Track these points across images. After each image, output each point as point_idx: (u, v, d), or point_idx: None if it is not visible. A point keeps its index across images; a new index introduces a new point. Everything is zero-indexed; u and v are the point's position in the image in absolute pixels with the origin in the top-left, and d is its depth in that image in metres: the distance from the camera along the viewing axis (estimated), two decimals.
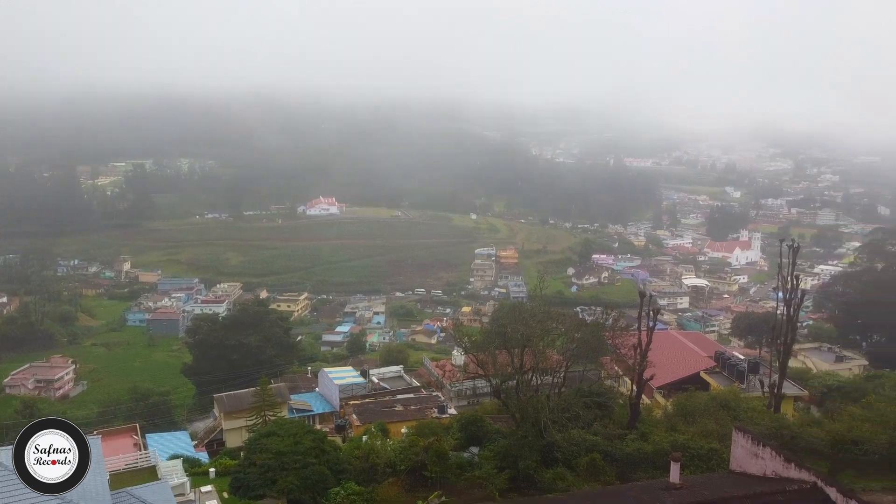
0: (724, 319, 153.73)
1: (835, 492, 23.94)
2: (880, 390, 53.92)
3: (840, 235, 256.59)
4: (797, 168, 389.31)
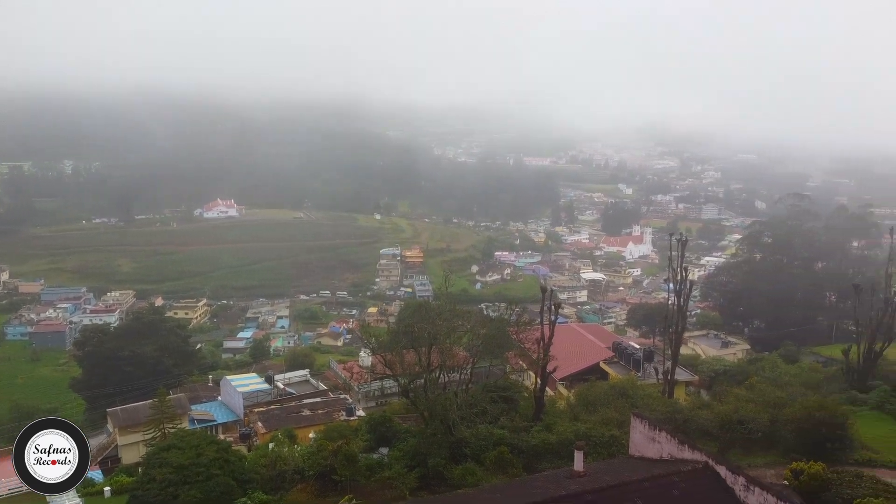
0: (620, 311, 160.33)
1: (724, 469, 25.55)
2: (761, 372, 57.99)
3: (723, 229, 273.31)
4: (683, 166, 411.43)
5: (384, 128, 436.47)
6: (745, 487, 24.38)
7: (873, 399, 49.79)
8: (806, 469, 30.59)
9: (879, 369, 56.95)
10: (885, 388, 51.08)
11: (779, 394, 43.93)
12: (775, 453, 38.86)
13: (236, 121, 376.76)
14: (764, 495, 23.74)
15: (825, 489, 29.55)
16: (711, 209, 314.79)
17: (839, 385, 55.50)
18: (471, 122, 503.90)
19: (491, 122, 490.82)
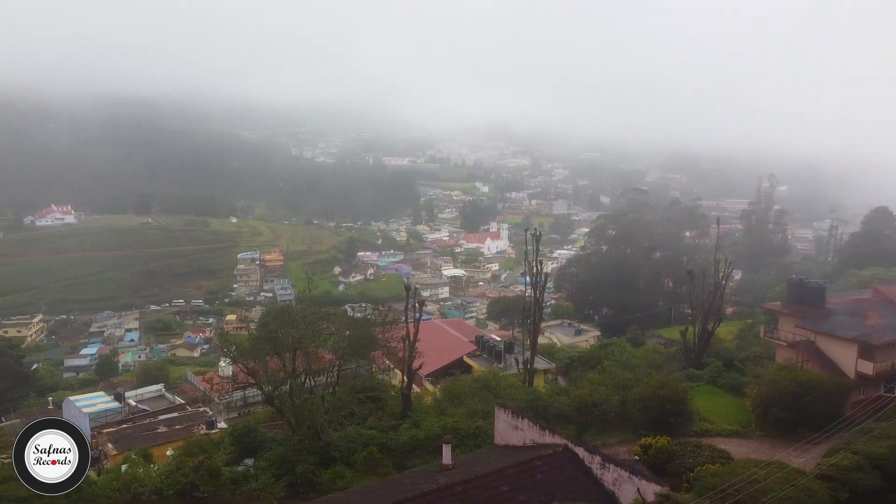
0: (480, 305, 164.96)
1: (582, 451, 27.11)
2: (611, 356, 61.89)
3: (572, 223, 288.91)
4: (534, 164, 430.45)
5: (236, 128, 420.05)
6: (602, 465, 26.05)
7: (707, 375, 54.81)
8: (653, 443, 33.19)
9: (712, 347, 62.77)
10: (718, 364, 56.42)
11: (627, 375, 47.15)
12: (627, 431, 41.75)
13: (70, 121, 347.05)
14: (618, 471, 25.49)
15: (671, 460, 32.20)
16: (562, 205, 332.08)
17: (679, 364, 60.48)
18: (328, 122, 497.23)
19: (348, 122, 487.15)
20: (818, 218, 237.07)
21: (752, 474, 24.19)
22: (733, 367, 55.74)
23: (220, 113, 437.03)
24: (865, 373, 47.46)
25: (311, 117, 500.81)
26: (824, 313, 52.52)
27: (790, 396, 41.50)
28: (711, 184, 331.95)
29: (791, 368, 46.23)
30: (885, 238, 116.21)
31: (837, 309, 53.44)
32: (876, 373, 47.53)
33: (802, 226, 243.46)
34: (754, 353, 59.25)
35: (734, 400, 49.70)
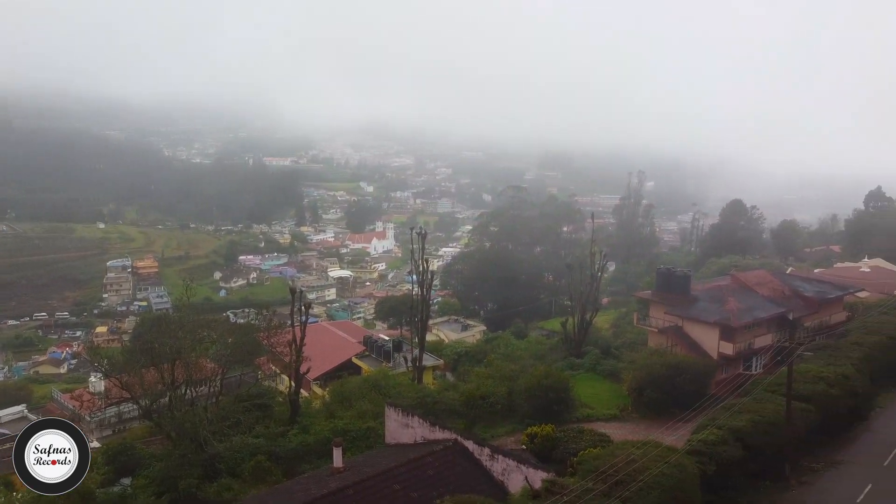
0: (368, 305, 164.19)
1: (472, 444, 27.68)
2: (497, 350, 63.45)
3: (456, 221, 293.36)
4: (418, 163, 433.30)
5: (101, 127, 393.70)
6: (491, 457, 26.72)
7: (587, 363, 57.42)
8: (539, 432, 34.38)
9: (591, 336, 65.75)
10: (596, 352, 59.23)
11: (512, 367, 48.56)
12: (514, 421, 42.99)
13: None
14: (506, 461, 26.25)
15: (556, 447, 33.48)
16: (446, 203, 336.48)
17: (561, 353, 62.90)
18: (201, 121, 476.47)
19: (224, 122, 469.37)
20: (682, 211, 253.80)
21: (630, 455, 25.63)
22: (610, 355, 58.73)
23: (81, 112, 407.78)
24: (727, 353, 51.46)
25: (184, 116, 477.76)
26: (690, 300, 56.39)
27: (662, 379, 44.25)
28: (586, 180, 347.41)
29: (662, 352, 49.35)
30: (741, 228, 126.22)
31: (701, 295, 57.54)
32: (736, 352, 51.67)
33: (668, 219, 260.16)
34: (629, 340, 62.71)
35: (612, 385, 52.35)
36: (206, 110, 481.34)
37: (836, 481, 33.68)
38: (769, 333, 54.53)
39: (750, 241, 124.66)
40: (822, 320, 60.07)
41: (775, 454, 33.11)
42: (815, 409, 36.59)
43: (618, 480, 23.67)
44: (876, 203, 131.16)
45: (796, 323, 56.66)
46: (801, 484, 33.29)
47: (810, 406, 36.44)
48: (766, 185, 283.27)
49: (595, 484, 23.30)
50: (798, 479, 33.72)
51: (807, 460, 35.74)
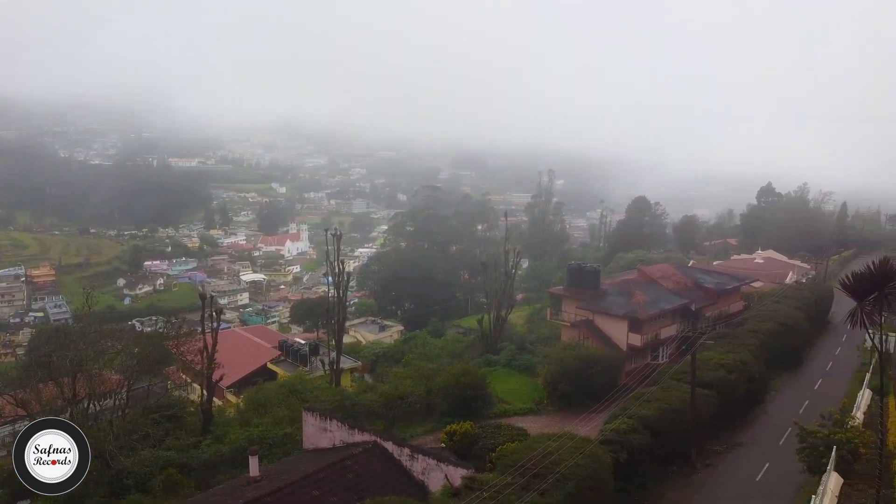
0: (283, 309, 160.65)
1: (391, 445, 27.63)
2: (414, 349, 63.65)
3: (372, 221, 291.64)
4: (332, 163, 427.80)
5: None
6: (411, 457, 26.77)
7: (503, 358, 58.43)
8: (458, 429, 34.70)
9: (506, 332, 66.99)
10: (512, 348, 60.38)
11: (430, 366, 48.80)
12: (433, 420, 43.21)
13: None
14: (426, 461, 26.36)
15: (475, 443, 33.90)
16: (361, 203, 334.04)
17: (477, 350, 63.78)
18: (100, 120, 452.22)
19: (123, 121, 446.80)
20: (590, 208, 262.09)
21: (547, 447, 26.29)
22: (526, 350, 59.98)
23: None
24: (635, 344, 53.57)
25: (80, 116, 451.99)
26: (600, 294, 58.33)
27: (575, 372, 45.59)
28: (499, 179, 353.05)
29: (574, 346, 50.83)
30: (645, 224, 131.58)
31: (610, 289, 59.63)
32: (643, 343, 53.86)
33: (578, 215, 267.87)
34: (543, 335, 64.22)
35: (528, 380, 53.49)
36: (105, 110, 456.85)
37: (737, 462, 35.70)
38: (674, 324, 57.15)
39: (654, 236, 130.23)
40: (721, 310, 63.53)
41: (681, 439, 34.78)
42: (716, 395, 38.69)
43: (535, 473, 24.23)
44: (767, 198, 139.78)
45: (698, 313, 59.64)
46: (705, 467, 35.11)
47: (712, 392, 38.50)
48: (667, 182, 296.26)
49: (514, 478, 23.76)
50: (703, 462, 35.54)
51: (710, 444, 37.73)
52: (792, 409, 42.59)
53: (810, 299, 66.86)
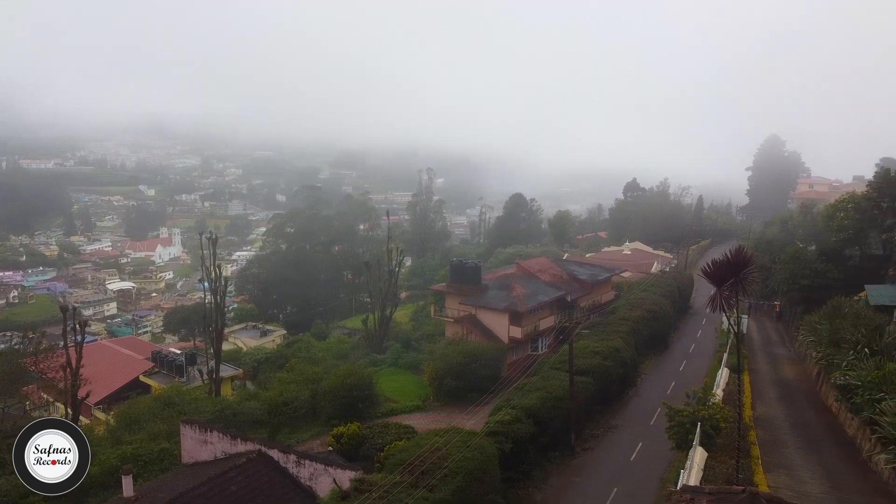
0: (155, 318, 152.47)
1: (276, 452, 26.94)
2: (298, 353, 62.40)
3: (249, 223, 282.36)
4: (205, 164, 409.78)
5: None
6: (297, 463, 26.23)
7: (389, 357, 58.48)
8: (345, 431, 34.38)
9: (391, 331, 67.08)
10: (398, 346, 60.53)
11: (315, 369, 48.03)
12: (319, 423, 42.54)
13: None
14: (313, 466, 25.92)
15: (363, 444, 33.71)
16: (237, 205, 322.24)
17: (363, 351, 63.45)
18: None
19: None
20: (470, 205, 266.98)
21: (435, 443, 26.57)
22: (411, 347, 60.37)
23: None
24: (516, 337, 55.21)
25: None
26: (481, 289, 59.63)
27: (459, 366, 46.38)
28: (380, 178, 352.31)
29: (458, 341, 51.72)
30: (522, 219, 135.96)
31: (491, 284, 61.10)
32: (524, 336, 55.62)
33: (458, 213, 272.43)
34: (428, 332, 64.89)
35: (414, 377, 53.86)
36: None
37: (613, 444, 37.69)
38: (552, 315, 59.44)
39: (531, 231, 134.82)
40: (595, 300, 66.76)
41: (562, 426, 36.26)
42: (593, 381, 40.66)
43: (424, 470, 24.43)
44: (633, 193, 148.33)
45: (574, 304, 62.38)
46: (584, 450, 36.80)
47: (589, 379, 40.42)
48: (542, 180, 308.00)
49: (403, 476, 23.84)
50: (582, 446, 37.23)
51: (589, 428, 39.59)
52: (660, 391, 45.51)
53: (674, 287, 71.63)
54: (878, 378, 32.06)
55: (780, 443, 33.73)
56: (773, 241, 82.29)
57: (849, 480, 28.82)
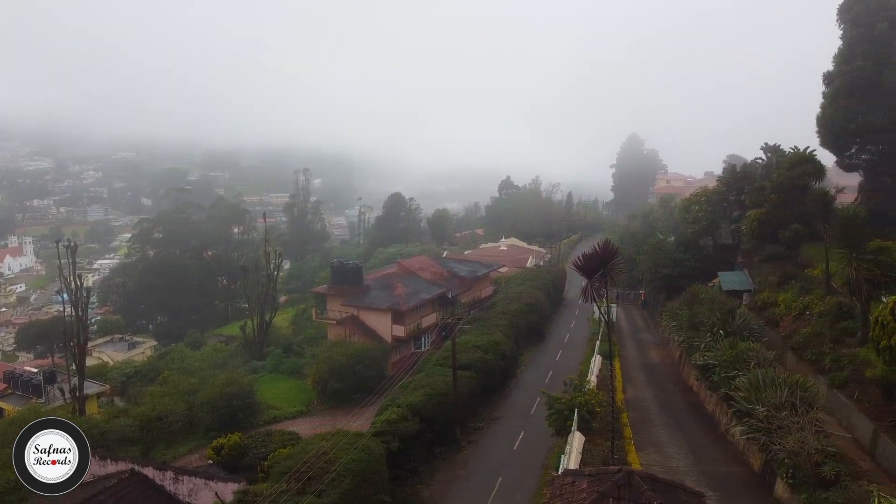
0: (6, 335, 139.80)
1: (151, 470, 25.57)
2: (171, 365, 59.37)
3: (112, 229, 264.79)
4: (59, 166, 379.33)
5: None
6: (175, 480, 25.03)
7: (270, 364, 56.98)
8: (225, 443, 33.12)
9: (271, 336, 65.31)
10: (278, 352, 59.07)
11: (191, 381, 45.86)
12: (197, 437, 40.73)
13: None
14: (192, 481, 24.83)
15: (245, 454, 32.62)
16: (97, 210, 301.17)
17: (242, 358, 61.37)
18: None
19: None
20: (349, 205, 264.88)
21: (321, 448, 26.19)
22: (293, 352, 59.12)
23: None
24: (400, 336, 55.44)
25: None
26: (363, 290, 59.36)
27: (343, 368, 45.96)
28: (254, 180, 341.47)
29: (341, 343, 51.18)
30: (401, 219, 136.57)
31: (373, 284, 60.97)
32: (407, 334, 55.94)
33: (337, 213, 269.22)
34: (310, 336, 63.76)
35: (297, 382, 52.79)
36: None
37: (496, 435, 38.74)
38: (434, 313, 60.17)
39: (410, 230, 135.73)
40: (475, 296, 68.27)
41: (447, 421, 36.84)
42: (475, 376, 41.61)
43: (311, 476, 24.03)
44: (507, 190, 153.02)
45: (455, 300, 63.47)
46: (469, 444, 37.58)
47: (472, 373, 41.32)
48: (419, 179, 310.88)
49: (289, 484, 23.32)
50: (467, 439, 38.00)
51: (473, 421, 40.47)
52: (539, 380, 47.31)
53: (548, 280, 74.62)
54: (731, 357, 34.98)
55: (650, 422, 36.03)
56: (636, 233, 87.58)
57: (710, 452, 31.30)
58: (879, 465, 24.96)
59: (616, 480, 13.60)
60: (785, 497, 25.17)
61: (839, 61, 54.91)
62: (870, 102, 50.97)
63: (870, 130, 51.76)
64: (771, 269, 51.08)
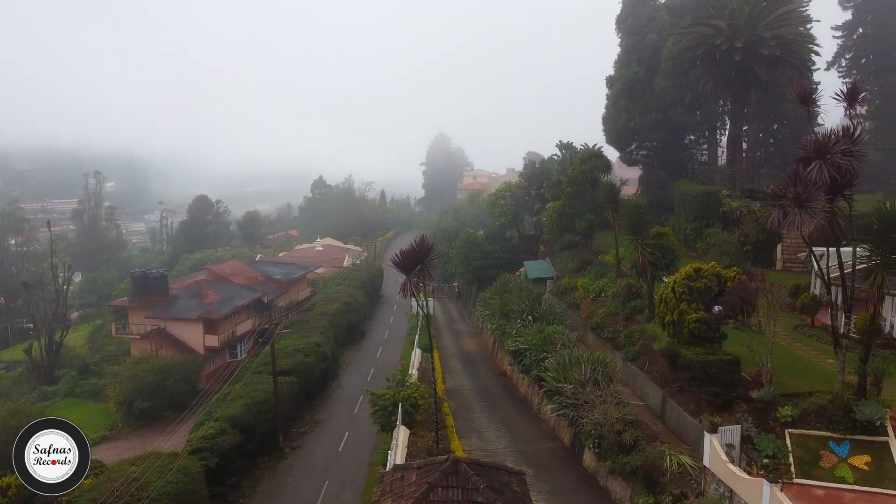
0: None
1: None
2: None
3: None
4: None
5: None
6: None
7: (64, 388, 51.54)
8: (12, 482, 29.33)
9: (64, 358, 58.92)
10: (73, 374, 53.58)
11: None
12: None
13: None
14: None
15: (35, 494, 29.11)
16: None
17: (29, 385, 54.83)
18: None
19: None
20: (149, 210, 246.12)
21: (131, 474, 24.15)
22: (90, 373, 54.01)
23: None
24: (213, 345, 52.64)
25: None
26: (169, 300, 55.55)
27: (151, 386, 42.81)
28: (32, 184, 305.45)
29: (147, 359, 47.54)
30: (209, 223, 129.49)
31: (180, 293, 57.26)
32: (221, 343, 53.27)
33: (135, 219, 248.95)
34: (110, 353, 58.42)
35: (98, 405, 48.32)
36: None
37: (321, 438, 38.20)
38: (249, 318, 57.89)
39: (219, 234, 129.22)
40: (292, 298, 66.74)
41: (269, 429, 35.65)
42: (296, 380, 40.71)
43: None
44: (320, 190, 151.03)
45: (271, 304, 61.53)
46: (294, 450, 36.69)
47: (293, 378, 40.38)
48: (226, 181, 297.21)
49: None
50: (291, 445, 37.06)
51: (296, 426, 39.55)
52: (362, 379, 47.37)
53: (366, 278, 74.97)
54: (540, 340, 37.49)
55: (470, 409, 37.57)
56: (448, 228, 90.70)
57: (526, 432, 33.32)
58: (668, 426, 28.13)
59: (444, 470, 14.02)
60: (592, 466, 27.51)
61: (618, 66, 61.14)
62: (645, 103, 57.26)
63: (646, 128, 58.15)
64: (570, 257, 55.45)
